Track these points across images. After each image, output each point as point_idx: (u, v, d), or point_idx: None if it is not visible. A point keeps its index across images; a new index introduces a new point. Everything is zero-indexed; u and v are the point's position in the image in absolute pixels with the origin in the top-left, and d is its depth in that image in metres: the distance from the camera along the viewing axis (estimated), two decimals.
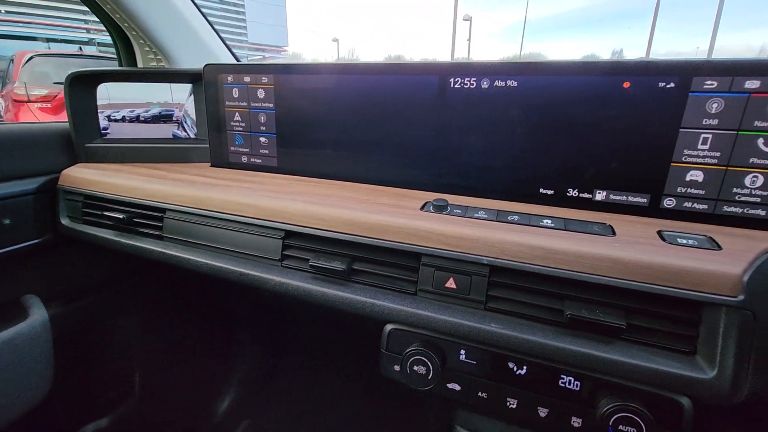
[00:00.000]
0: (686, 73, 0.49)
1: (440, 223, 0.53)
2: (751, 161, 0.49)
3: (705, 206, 0.52)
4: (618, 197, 0.55)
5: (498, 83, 0.57)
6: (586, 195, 0.57)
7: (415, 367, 0.51)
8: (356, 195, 0.64)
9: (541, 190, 0.59)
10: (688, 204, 0.52)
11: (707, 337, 0.42)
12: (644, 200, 0.54)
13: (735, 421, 0.53)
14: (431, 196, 0.62)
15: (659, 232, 0.49)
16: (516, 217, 0.54)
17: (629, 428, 0.42)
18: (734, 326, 0.41)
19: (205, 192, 0.68)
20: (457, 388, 0.52)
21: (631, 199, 0.55)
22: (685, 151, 0.51)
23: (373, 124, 0.66)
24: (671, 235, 0.48)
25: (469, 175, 0.62)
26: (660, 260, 0.43)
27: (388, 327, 0.55)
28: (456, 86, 0.60)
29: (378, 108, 0.65)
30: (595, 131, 0.54)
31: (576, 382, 0.47)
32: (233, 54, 1.11)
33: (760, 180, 0.49)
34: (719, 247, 0.45)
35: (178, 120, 0.90)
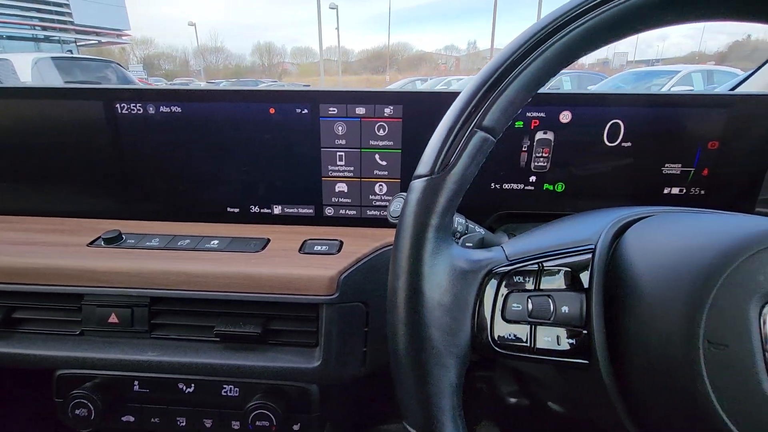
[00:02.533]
0: (314, 100, 0.56)
1: (99, 260, 0.52)
2: (375, 173, 0.59)
3: (354, 212, 0.61)
4: (291, 210, 0.62)
5: (163, 109, 0.58)
6: (266, 210, 0.62)
7: (77, 411, 0.50)
8: (26, 235, 0.58)
9: (228, 209, 0.62)
10: (342, 211, 0.61)
11: (322, 331, 0.50)
12: (311, 211, 0.61)
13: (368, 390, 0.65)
14: (117, 224, 0.60)
15: (304, 242, 0.56)
16: (187, 242, 0.56)
17: (263, 422, 0.48)
18: (335, 319, 0.49)
19: None
20: (132, 419, 0.53)
21: (301, 211, 0.62)
22: (330, 167, 0.59)
23: (44, 152, 0.61)
24: (311, 243, 0.55)
25: (157, 200, 0.62)
26: (283, 271, 0.50)
27: (56, 374, 0.52)
28: (124, 111, 0.58)
29: (47, 133, 0.60)
30: (257, 153, 0.59)
31: (235, 389, 0.52)
32: None
33: (384, 188, 0.59)
34: (339, 251, 0.54)
35: None
